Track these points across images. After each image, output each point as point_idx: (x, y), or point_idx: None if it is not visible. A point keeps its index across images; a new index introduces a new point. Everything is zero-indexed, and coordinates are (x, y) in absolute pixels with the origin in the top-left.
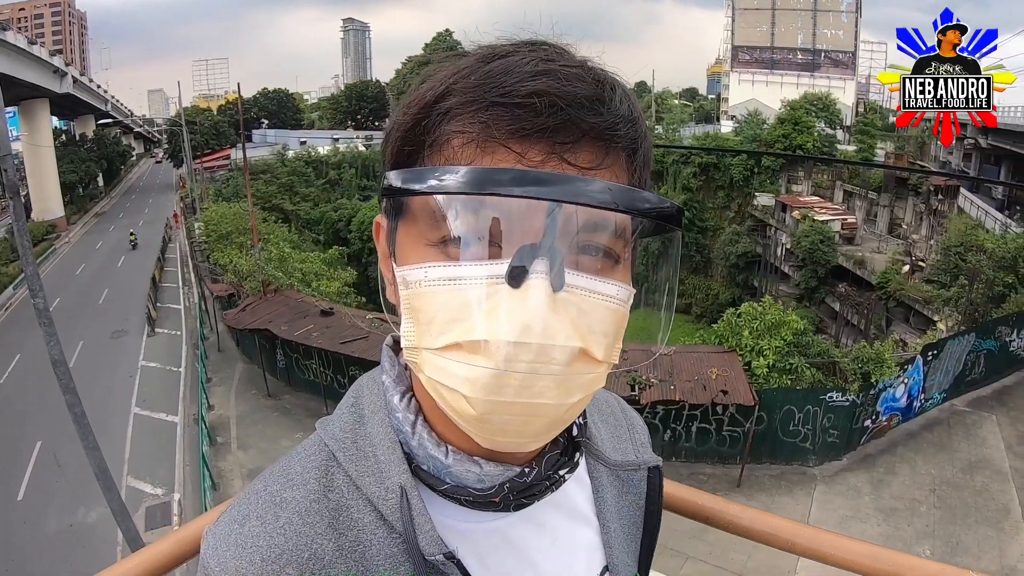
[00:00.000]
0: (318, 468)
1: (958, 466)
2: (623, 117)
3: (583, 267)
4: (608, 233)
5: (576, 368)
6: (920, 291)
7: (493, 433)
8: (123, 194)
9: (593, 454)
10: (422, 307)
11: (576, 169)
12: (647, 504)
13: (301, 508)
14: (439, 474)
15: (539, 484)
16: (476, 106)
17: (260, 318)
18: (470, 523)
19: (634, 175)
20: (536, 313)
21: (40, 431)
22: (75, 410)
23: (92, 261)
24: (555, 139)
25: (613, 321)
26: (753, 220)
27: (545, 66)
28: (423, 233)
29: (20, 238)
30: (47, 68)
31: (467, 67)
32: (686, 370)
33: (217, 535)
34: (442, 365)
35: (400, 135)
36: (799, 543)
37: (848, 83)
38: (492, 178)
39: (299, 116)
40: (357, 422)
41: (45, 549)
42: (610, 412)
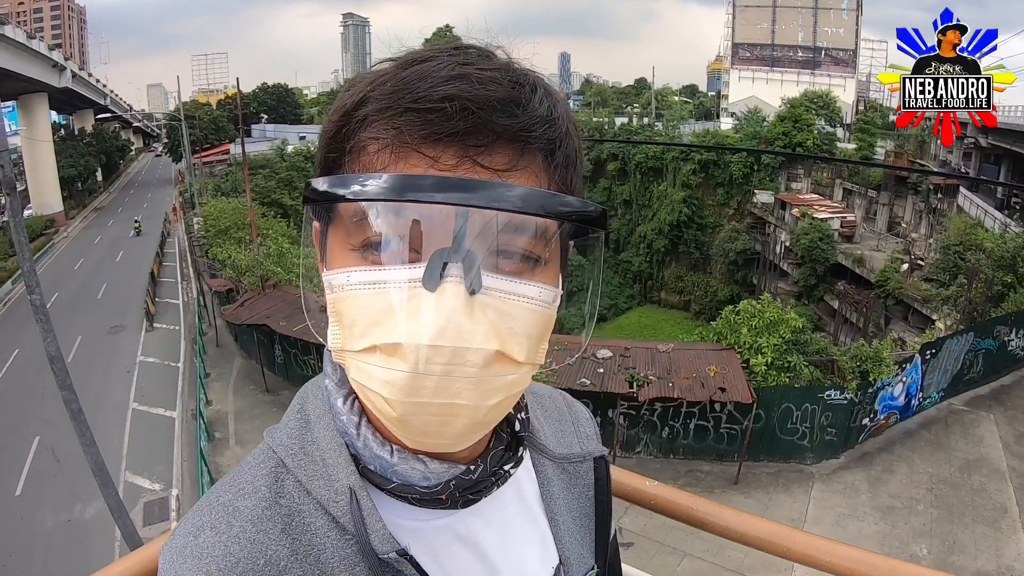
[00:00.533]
0: (268, 475)
1: (955, 465)
2: (540, 118)
3: (503, 269)
4: (526, 236)
5: (494, 370)
6: (919, 290)
7: (414, 434)
8: (122, 189)
9: (537, 448)
10: (345, 311)
11: (489, 172)
12: (596, 495)
13: (254, 516)
14: (386, 473)
15: (485, 480)
16: (390, 112)
17: (259, 313)
18: (420, 521)
19: (554, 175)
20: (450, 316)
21: (38, 426)
22: (72, 406)
23: (91, 256)
24: (467, 142)
25: (535, 322)
26: (752, 217)
27: (460, 70)
28: (346, 238)
29: (17, 234)
30: (46, 62)
31: (385, 74)
32: (684, 367)
33: (173, 548)
34: (363, 367)
35: (324, 142)
36: (795, 549)
37: (848, 81)
38: (404, 184)
39: (298, 111)
40: (303, 427)
41: (42, 544)
42: (554, 407)
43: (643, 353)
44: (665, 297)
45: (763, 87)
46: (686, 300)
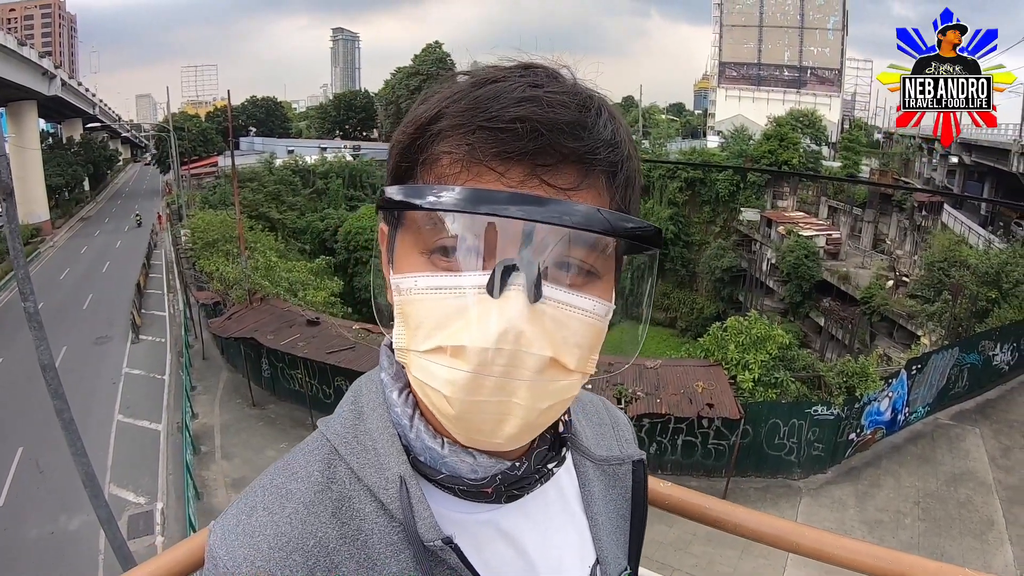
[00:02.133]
0: (321, 461)
1: (942, 479)
2: (604, 141)
3: (561, 281)
4: (585, 250)
5: (547, 375)
6: (904, 306)
7: (470, 432)
8: (109, 199)
9: (579, 450)
10: (411, 313)
11: (555, 190)
12: (633, 497)
13: (306, 499)
14: (435, 464)
15: (529, 477)
16: (464, 129)
17: (246, 326)
18: (466, 513)
19: (615, 195)
20: (511, 322)
21: (22, 436)
22: (63, 416)
23: (77, 266)
24: (535, 161)
25: (588, 333)
26: (738, 235)
27: (531, 92)
28: (415, 244)
29: (12, 240)
30: (36, 70)
31: (459, 91)
32: (672, 383)
33: (225, 527)
34: (426, 366)
35: (398, 152)
36: (804, 544)
37: (834, 100)
38: (472, 198)
39: (287, 125)
40: (357, 418)
41: (25, 556)
42: (594, 411)
43: (631, 369)
44: (651, 314)
45: (750, 106)
46: (672, 317)
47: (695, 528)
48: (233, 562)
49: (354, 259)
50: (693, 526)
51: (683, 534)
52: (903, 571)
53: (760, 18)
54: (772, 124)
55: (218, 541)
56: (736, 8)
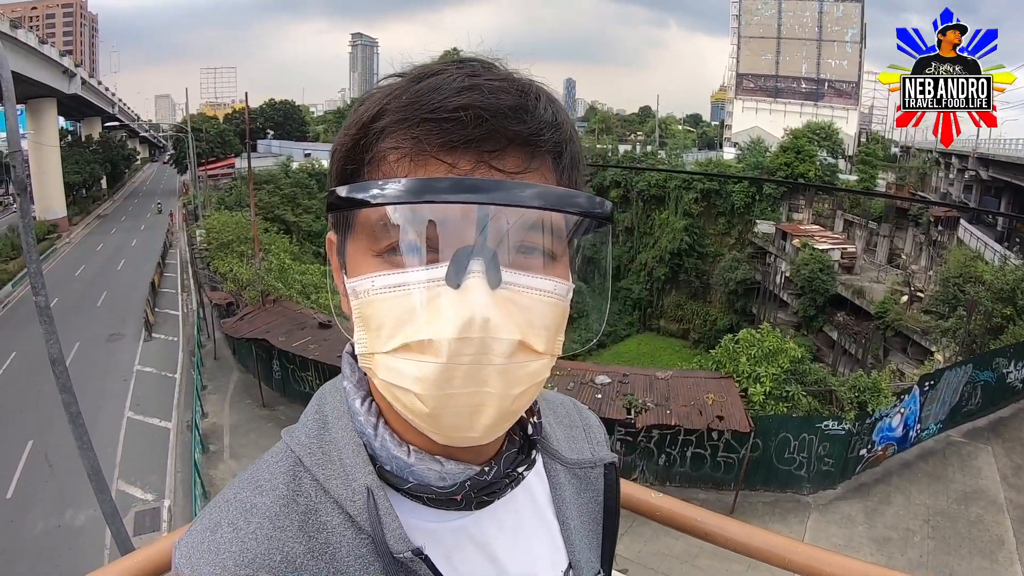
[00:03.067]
0: (286, 473)
1: (953, 497)
2: (547, 123)
3: (519, 265)
4: (539, 232)
5: (517, 359)
6: (918, 321)
7: (445, 429)
8: (126, 197)
9: (549, 453)
10: (371, 314)
11: (503, 174)
12: (605, 500)
13: (271, 513)
14: (402, 473)
15: (499, 482)
16: (408, 123)
17: (258, 328)
18: (435, 522)
19: (562, 176)
20: (475, 310)
21: (32, 430)
22: (71, 409)
23: (92, 263)
24: (482, 148)
25: (552, 314)
26: (753, 247)
27: (471, 81)
28: (367, 244)
29: (26, 235)
30: (56, 68)
31: (399, 87)
32: (682, 395)
33: (189, 544)
34: (394, 366)
35: (342, 155)
36: (796, 560)
37: (851, 113)
38: (424, 187)
39: (304, 128)
40: (322, 428)
41: (31, 549)
42: (565, 414)
43: (641, 379)
44: (664, 325)
45: (766, 117)
46: (685, 328)
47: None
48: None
49: None
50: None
51: (690, 547)
52: None
53: (778, 30)
54: (789, 136)
55: (183, 559)
56: (754, 20)
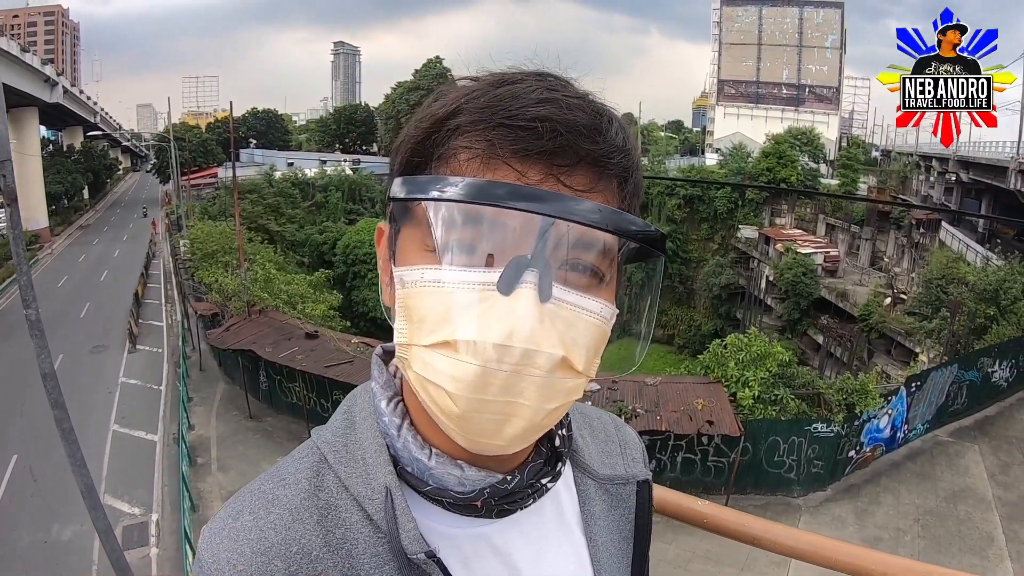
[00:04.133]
0: (310, 469)
1: (942, 495)
2: (617, 147)
3: (570, 282)
4: (596, 252)
5: (557, 375)
6: (902, 323)
7: (472, 433)
8: (108, 207)
9: (580, 467)
10: (416, 306)
11: (571, 190)
12: (637, 518)
13: (292, 505)
14: (422, 476)
15: (520, 492)
16: (483, 125)
17: (244, 338)
18: (456, 527)
19: (624, 201)
20: (523, 320)
21: (16, 444)
22: (63, 426)
23: (75, 274)
24: (553, 161)
25: (594, 336)
26: (736, 252)
27: (549, 94)
28: (423, 238)
29: (16, 246)
30: (38, 76)
31: (478, 89)
32: (672, 400)
33: (212, 529)
34: (430, 361)
35: (411, 147)
36: (842, 560)
37: (832, 118)
38: (491, 190)
39: (287, 137)
40: (348, 427)
41: (17, 564)
42: (602, 428)
43: (631, 386)
44: None
45: (748, 123)
46: (670, 334)
47: (694, 546)
48: (216, 564)
49: (352, 272)
50: (692, 543)
51: (683, 552)
52: None
53: (759, 36)
54: (770, 142)
55: (204, 544)
56: (735, 26)
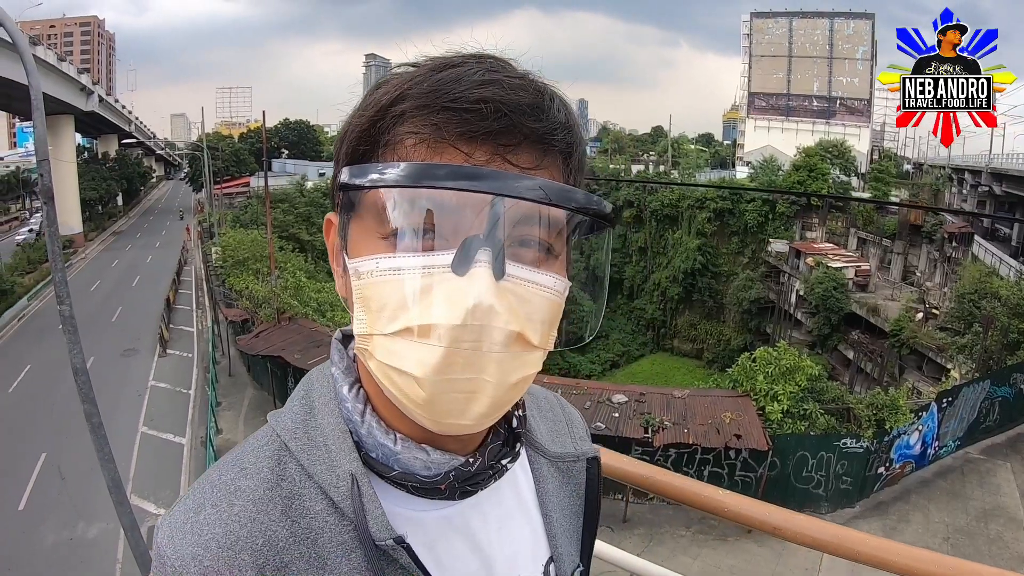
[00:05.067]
0: (271, 458)
1: (972, 514)
2: (560, 124)
3: (522, 258)
4: (545, 227)
5: (513, 350)
6: (933, 339)
7: (439, 415)
8: (141, 215)
9: (533, 446)
10: (373, 295)
11: (517, 168)
12: (587, 494)
13: (255, 496)
14: (388, 461)
15: (483, 472)
16: (428, 110)
17: (273, 345)
18: (419, 511)
19: (569, 177)
20: (480, 298)
21: (45, 443)
22: (93, 420)
23: (107, 278)
24: (499, 141)
25: (548, 309)
26: (767, 266)
27: (491, 76)
28: (374, 227)
29: (52, 244)
30: (74, 85)
31: (420, 75)
32: (700, 413)
33: (173, 523)
34: (394, 348)
35: (356, 135)
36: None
37: (863, 130)
38: (438, 173)
39: (319, 148)
40: (308, 413)
41: (42, 561)
42: (549, 408)
43: (658, 399)
44: (678, 345)
45: (778, 136)
46: (699, 348)
47: (719, 560)
48: (180, 561)
49: None
50: (717, 558)
51: (707, 566)
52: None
53: (789, 48)
54: (801, 155)
55: (165, 539)
56: (765, 38)
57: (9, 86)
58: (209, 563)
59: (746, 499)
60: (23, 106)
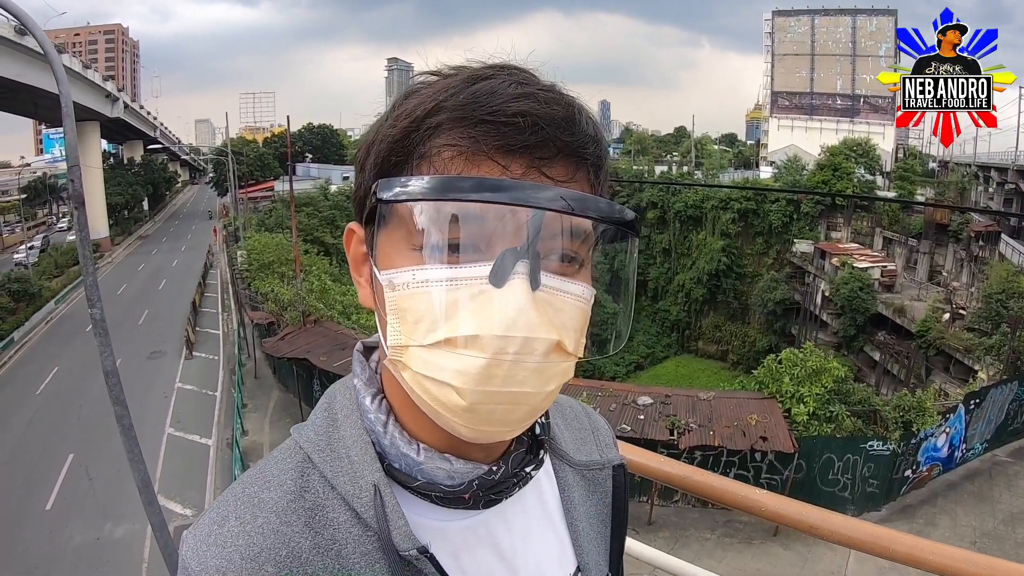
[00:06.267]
0: (294, 470)
1: (999, 518)
2: (590, 137)
3: (554, 269)
4: (576, 239)
5: (552, 359)
6: (960, 339)
7: (479, 423)
8: (167, 219)
9: (558, 454)
10: (409, 307)
11: (552, 181)
12: (614, 502)
13: (279, 508)
14: (411, 471)
15: (507, 481)
16: (466, 123)
17: (299, 347)
18: (443, 521)
19: (598, 188)
20: (519, 310)
21: (73, 444)
22: (124, 422)
23: (133, 282)
24: (535, 154)
25: (580, 318)
26: (791, 267)
27: (524, 89)
28: (408, 238)
29: (83, 248)
30: (100, 92)
31: (454, 87)
32: (725, 416)
33: (197, 536)
34: (432, 360)
35: (387, 146)
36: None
37: (887, 128)
38: (478, 187)
39: (342, 152)
40: (331, 425)
41: (69, 561)
42: (574, 416)
43: (684, 401)
44: (702, 347)
45: (802, 135)
46: (724, 350)
47: (744, 564)
48: (205, 573)
49: None
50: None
51: (732, 571)
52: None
53: (812, 46)
54: (825, 154)
55: (190, 551)
56: (787, 37)
57: (35, 94)
58: (232, 574)
59: (782, 498)
60: (49, 113)
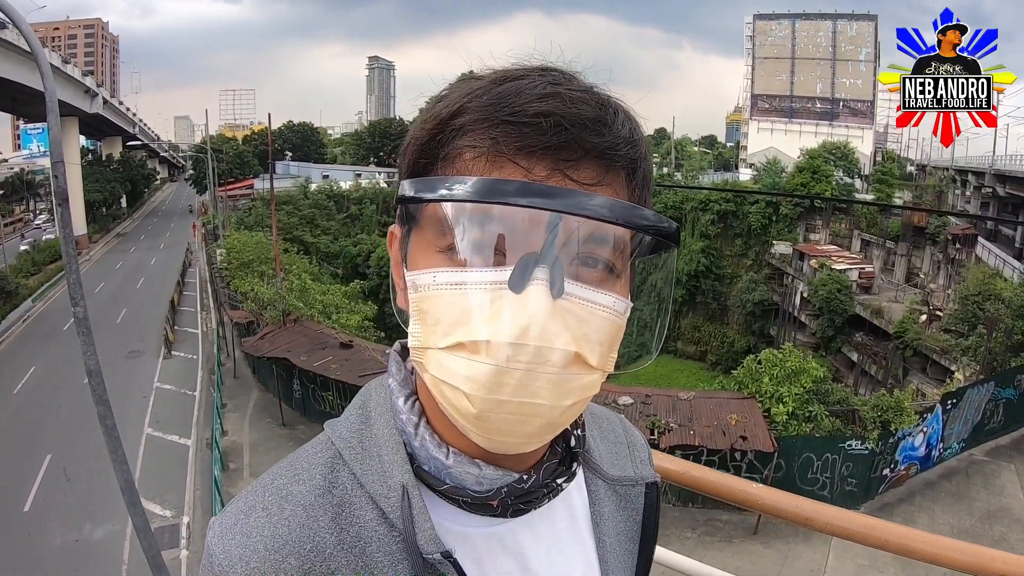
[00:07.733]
0: (324, 465)
1: (976, 516)
2: (624, 138)
3: (582, 278)
4: (607, 246)
5: (571, 371)
6: (938, 340)
7: (490, 432)
8: (145, 216)
9: (591, 467)
10: (429, 309)
11: (578, 185)
12: (644, 520)
13: (306, 502)
14: (439, 475)
15: (536, 491)
16: (487, 123)
17: (279, 347)
18: (470, 527)
19: (634, 193)
20: (535, 317)
21: (50, 444)
22: (106, 422)
23: (111, 280)
24: (559, 156)
25: (608, 330)
26: (770, 268)
27: (552, 89)
28: (433, 240)
29: (66, 244)
30: (79, 87)
31: (480, 88)
32: (705, 415)
33: (223, 524)
34: (446, 363)
35: (416, 148)
36: (892, 540)
37: (866, 132)
38: (498, 188)
39: (322, 150)
40: (364, 423)
41: (48, 563)
42: (611, 429)
43: (664, 401)
44: (681, 347)
45: (782, 138)
46: (703, 351)
47: (724, 562)
48: (228, 561)
49: (386, 284)
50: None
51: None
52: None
53: (792, 50)
54: (805, 156)
55: (215, 539)
56: (768, 40)
57: (14, 88)
58: (255, 565)
59: (778, 492)
60: (27, 108)
